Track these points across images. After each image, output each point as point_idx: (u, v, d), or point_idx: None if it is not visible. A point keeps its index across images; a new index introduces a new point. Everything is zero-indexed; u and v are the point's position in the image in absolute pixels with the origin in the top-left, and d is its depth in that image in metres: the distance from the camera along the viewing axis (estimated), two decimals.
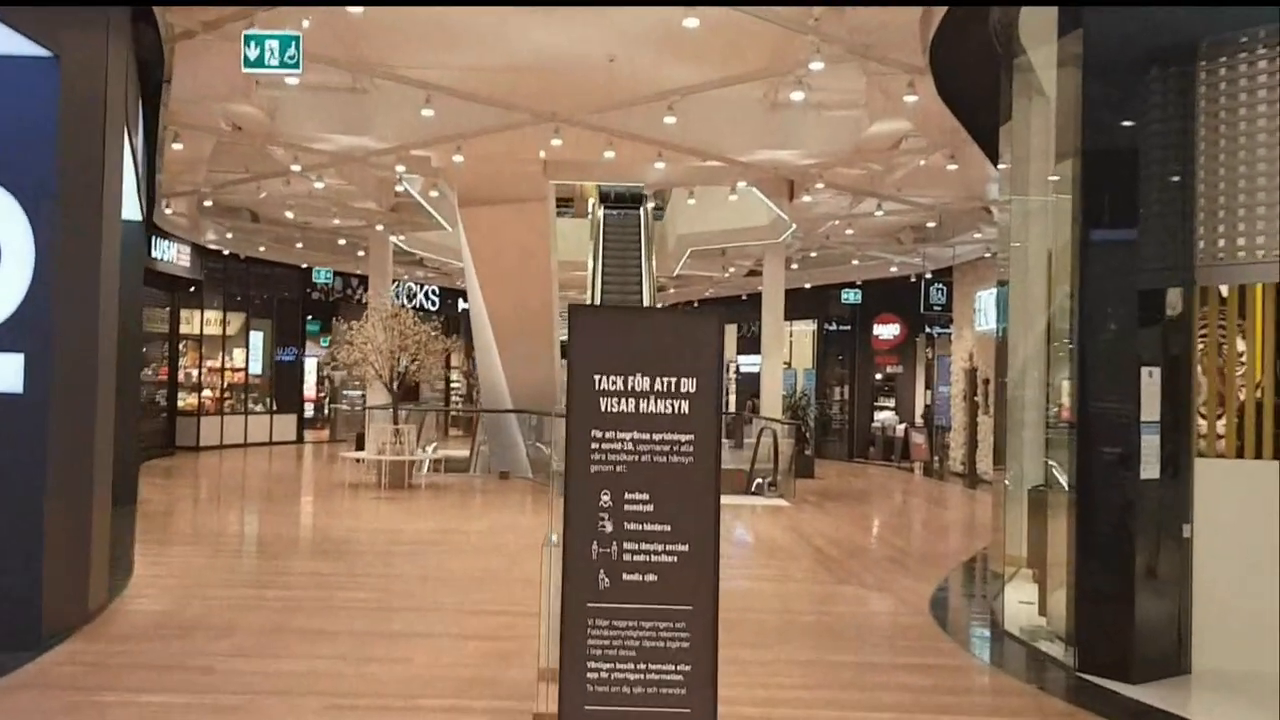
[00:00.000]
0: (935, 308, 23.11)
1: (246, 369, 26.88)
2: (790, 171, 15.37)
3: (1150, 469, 6.97)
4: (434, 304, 32.93)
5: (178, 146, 13.40)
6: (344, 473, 17.96)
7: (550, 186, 17.38)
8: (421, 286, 32.17)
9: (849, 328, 28.53)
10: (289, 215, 19.99)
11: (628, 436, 4.33)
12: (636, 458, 4.31)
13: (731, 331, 34.01)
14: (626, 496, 4.31)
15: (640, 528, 4.34)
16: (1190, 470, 7.13)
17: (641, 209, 25.22)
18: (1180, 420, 7.13)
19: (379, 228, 20.54)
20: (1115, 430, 7.09)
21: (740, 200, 20.40)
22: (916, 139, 14.05)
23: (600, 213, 25.36)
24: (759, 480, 18.34)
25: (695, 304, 34.50)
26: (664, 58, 11.52)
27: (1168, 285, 7.14)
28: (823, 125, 13.65)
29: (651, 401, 4.30)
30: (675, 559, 4.32)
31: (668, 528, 4.33)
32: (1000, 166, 10.07)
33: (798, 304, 27.59)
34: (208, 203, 20.05)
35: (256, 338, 27.26)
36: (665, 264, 25.18)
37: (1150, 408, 6.97)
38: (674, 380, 4.29)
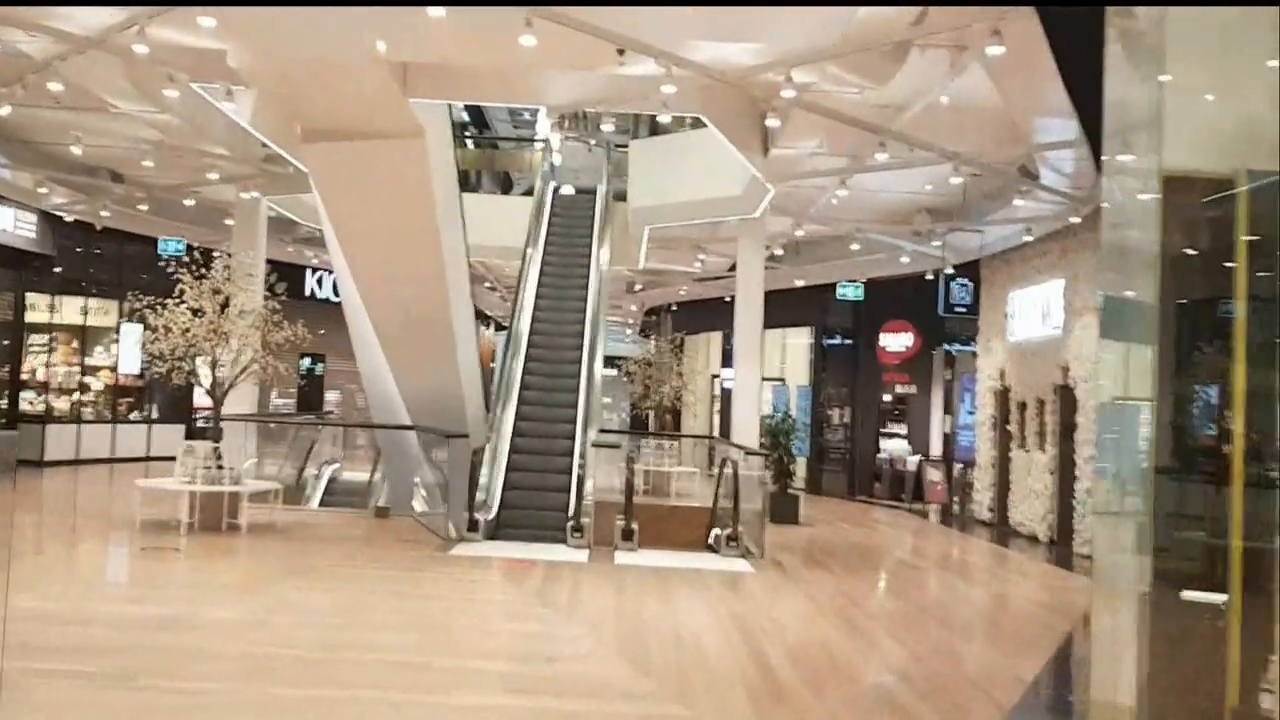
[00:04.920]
0: (958, 309, 18.14)
1: (117, 367, 22.08)
2: (743, 76, 10.34)
3: None
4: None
5: None
6: (151, 507, 13.12)
7: (435, 116, 12.60)
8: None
9: (850, 341, 23.60)
10: (76, 149, 14.73)
11: None
12: None
13: (716, 340, 29.16)
14: None
15: None
16: None
17: (598, 189, 20.41)
18: None
19: (212, 176, 15.53)
20: None
21: (707, 166, 15.62)
22: (934, 36, 9.22)
23: (548, 192, 20.54)
24: (716, 531, 13.46)
25: (672, 307, 29.58)
26: None
27: None
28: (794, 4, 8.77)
29: None
30: None
31: None
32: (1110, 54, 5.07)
33: (791, 308, 22.73)
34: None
35: (133, 330, 22.42)
36: (628, 253, 20.34)
37: None
38: None
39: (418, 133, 11.70)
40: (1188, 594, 4.90)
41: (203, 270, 12.95)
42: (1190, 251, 5.05)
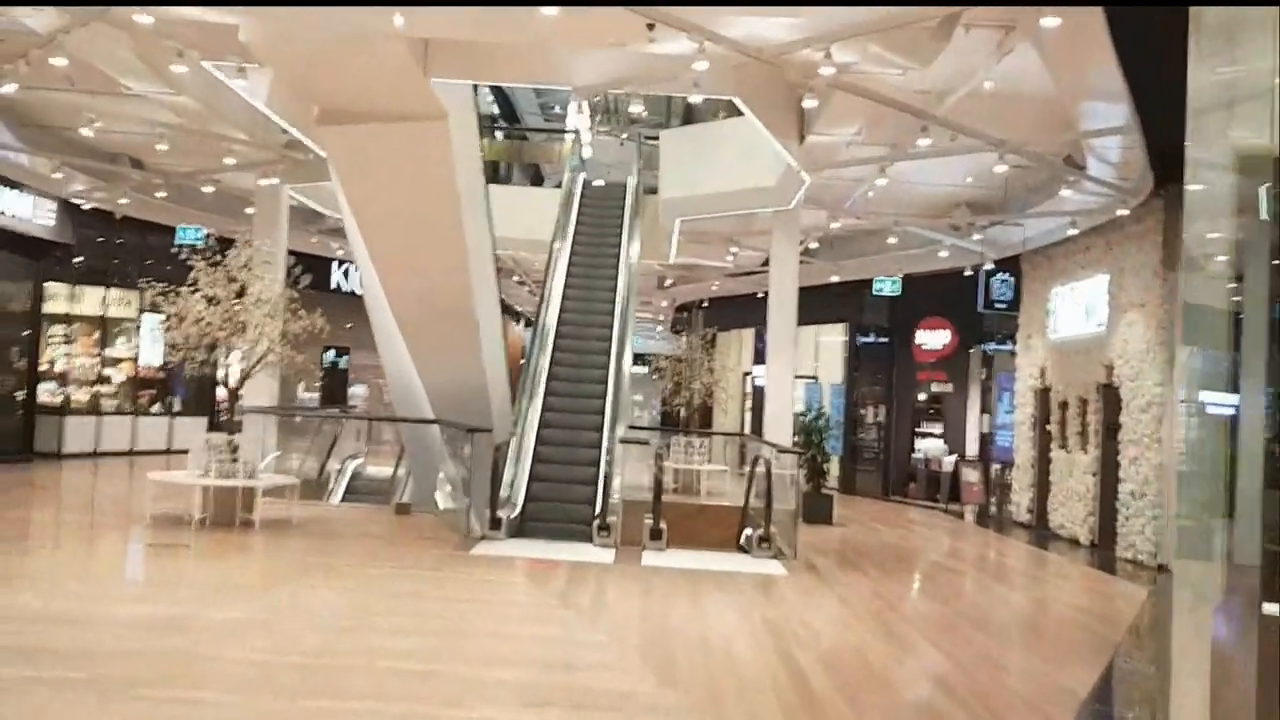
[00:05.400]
0: (998, 305, 17.58)
1: (137, 358, 21.82)
2: (780, 54, 9.82)
3: None
4: None
5: None
6: (164, 501, 12.76)
7: (459, 99, 12.18)
8: None
9: (886, 339, 23.03)
10: (88, 131, 14.21)
11: None
12: None
13: (748, 337, 28.64)
14: None
15: None
16: None
17: (629, 182, 19.99)
18: None
19: (229, 161, 15.17)
20: None
21: (741, 155, 15.15)
22: (981, 13, 8.72)
23: (578, 183, 20.12)
24: (747, 532, 13.00)
25: (703, 303, 29.10)
26: None
27: None
28: None
29: None
30: None
31: None
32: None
33: (826, 304, 22.21)
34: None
35: (154, 321, 22.11)
36: (658, 247, 19.88)
37: None
38: None
39: (440, 115, 11.26)
40: (1270, 607, 4.44)
41: (218, 257, 12.60)
42: None
